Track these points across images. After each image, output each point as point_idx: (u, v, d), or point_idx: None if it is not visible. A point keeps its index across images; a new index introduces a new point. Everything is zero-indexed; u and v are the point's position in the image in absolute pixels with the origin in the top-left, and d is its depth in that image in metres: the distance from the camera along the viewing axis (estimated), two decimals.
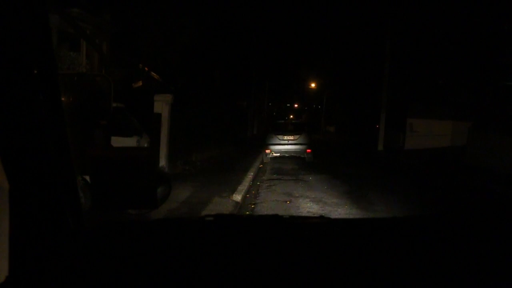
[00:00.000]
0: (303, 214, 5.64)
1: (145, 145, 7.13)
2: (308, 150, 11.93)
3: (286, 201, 6.52)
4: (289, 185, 8.06)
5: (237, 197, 6.55)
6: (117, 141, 4.91)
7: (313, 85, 41.37)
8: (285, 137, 11.98)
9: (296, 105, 59.08)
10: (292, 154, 12.19)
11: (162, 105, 8.33)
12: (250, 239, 1.11)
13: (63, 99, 0.99)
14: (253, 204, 6.41)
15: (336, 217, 5.53)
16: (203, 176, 8.31)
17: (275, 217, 1.29)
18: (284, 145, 11.94)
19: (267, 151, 11.95)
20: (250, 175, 8.88)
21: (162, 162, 8.27)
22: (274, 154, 12.13)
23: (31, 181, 0.88)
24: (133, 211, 1.16)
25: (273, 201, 6.54)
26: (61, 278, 0.87)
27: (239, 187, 7.22)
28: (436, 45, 16.86)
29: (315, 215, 5.40)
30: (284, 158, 12.43)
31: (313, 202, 6.42)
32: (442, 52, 16.72)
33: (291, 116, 44.32)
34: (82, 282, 0.87)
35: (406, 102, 18.62)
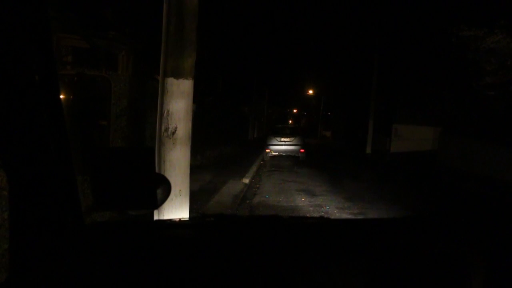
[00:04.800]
0: (293, 191, 7.98)
1: None
2: (302, 150, 14.18)
3: (281, 183, 8.91)
4: (284, 174, 10.46)
5: (246, 180, 8.93)
6: None
7: (310, 92, 43.84)
8: (282, 139, 14.26)
9: (295, 111, 61.46)
10: (288, 153, 14.39)
11: None
12: (250, 239, 1.13)
13: (62, 97, 1.16)
14: (258, 185, 8.79)
15: (317, 193, 7.87)
16: (217, 167, 10.66)
17: (275, 217, 1.32)
18: (282, 146, 14.21)
19: (267, 150, 14.23)
20: (254, 168, 11.25)
21: None
22: (273, 153, 14.39)
23: (31, 181, 0.89)
24: (133, 211, 1.13)
25: (272, 183, 8.93)
26: (61, 278, 0.87)
27: (246, 175, 9.59)
28: (420, 57, 18.81)
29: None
30: (281, 156, 14.70)
31: (300, 184, 8.81)
32: (425, 64, 18.74)
33: (290, 121, 47.24)
34: (82, 282, 0.88)
35: (392, 109, 20.43)
